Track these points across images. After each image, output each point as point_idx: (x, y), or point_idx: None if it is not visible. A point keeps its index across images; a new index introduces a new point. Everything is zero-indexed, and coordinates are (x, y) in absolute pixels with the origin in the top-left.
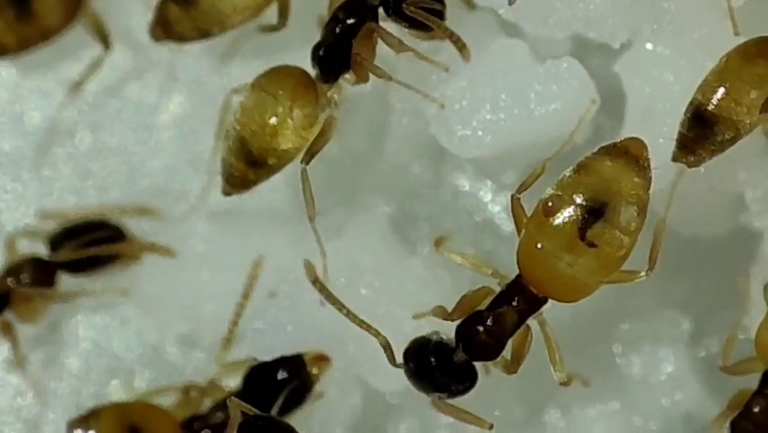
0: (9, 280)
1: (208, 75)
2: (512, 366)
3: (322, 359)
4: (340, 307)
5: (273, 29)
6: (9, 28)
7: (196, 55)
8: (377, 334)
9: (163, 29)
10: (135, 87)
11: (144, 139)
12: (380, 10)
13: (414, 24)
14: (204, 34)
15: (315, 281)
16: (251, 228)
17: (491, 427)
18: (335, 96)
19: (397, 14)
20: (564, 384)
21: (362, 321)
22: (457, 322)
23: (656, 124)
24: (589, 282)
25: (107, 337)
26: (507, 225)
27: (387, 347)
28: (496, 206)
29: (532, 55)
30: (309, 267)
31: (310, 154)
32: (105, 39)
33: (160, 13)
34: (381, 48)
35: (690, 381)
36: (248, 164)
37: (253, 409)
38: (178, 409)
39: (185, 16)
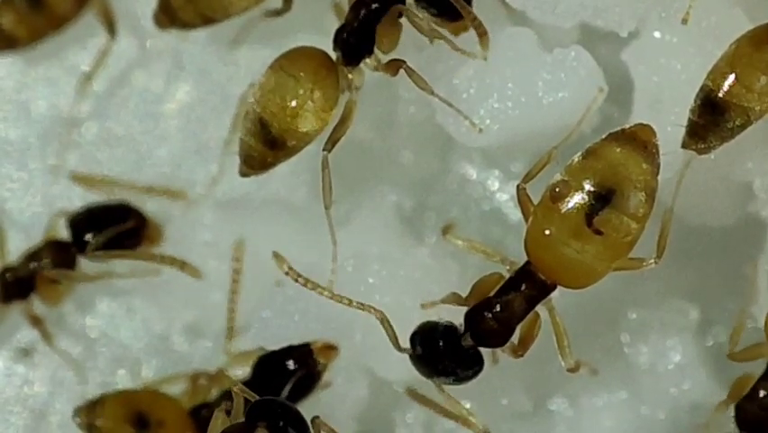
0: (32, 264)
1: (214, 63)
2: (520, 349)
3: (329, 348)
4: (321, 291)
5: (278, 13)
6: (22, 20)
7: (203, 43)
8: (371, 310)
9: (167, 16)
10: (141, 76)
11: (150, 128)
12: None
13: (441, 12)
14: (208, 21)
15: (289, 271)
16: (257, 218)
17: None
18: (355, 79)
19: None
20: (572, 371)
21: (351, 301)
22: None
23: (664, 113)
24: (598, 268)
25: (114, 326)
26: (515, 214)
27: (384, 321)
28: (503, 195)
29: (539, 44)
30: (279, 259)
31: (332, 141)
32: (111, 27)
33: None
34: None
35: (698, 370)
36: (267, 145)
37: (257, 396)
38: (187, 398)
39: (188, 3)
